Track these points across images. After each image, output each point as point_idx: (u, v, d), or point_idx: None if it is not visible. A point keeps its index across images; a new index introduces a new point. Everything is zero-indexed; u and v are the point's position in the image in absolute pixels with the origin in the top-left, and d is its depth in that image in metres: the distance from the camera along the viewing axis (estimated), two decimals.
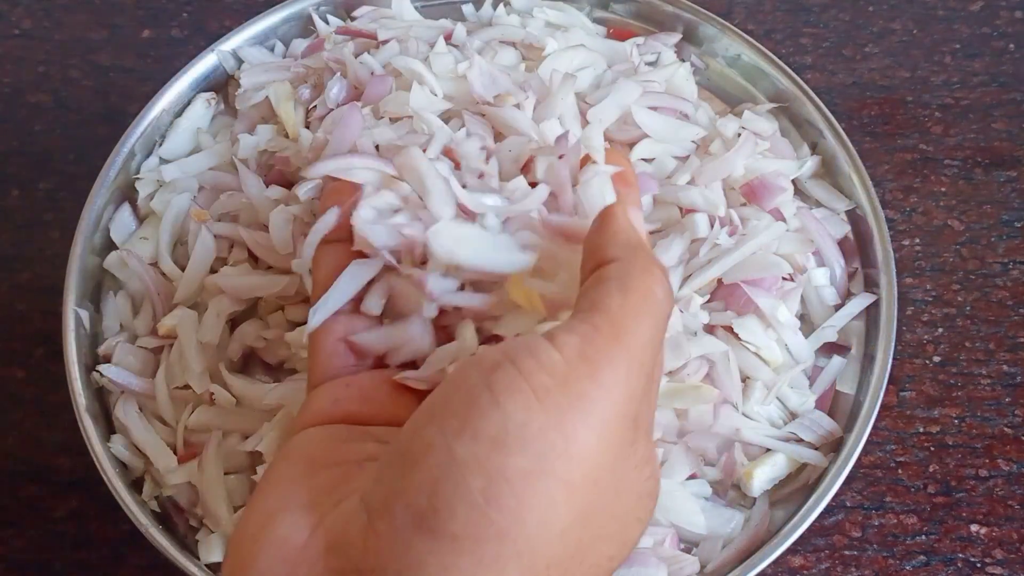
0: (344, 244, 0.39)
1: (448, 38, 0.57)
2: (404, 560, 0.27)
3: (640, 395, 0.30)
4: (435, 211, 0.38)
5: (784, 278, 0.51)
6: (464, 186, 0.40)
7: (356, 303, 0.39)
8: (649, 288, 0.31)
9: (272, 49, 0.61)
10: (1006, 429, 0.56)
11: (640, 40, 0.60)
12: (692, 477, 0.49)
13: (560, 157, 0.39)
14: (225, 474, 0.48)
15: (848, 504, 0.54)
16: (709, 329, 0.50)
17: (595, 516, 0.29)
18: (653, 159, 0.54)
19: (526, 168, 0.42)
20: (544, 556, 0.28)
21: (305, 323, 0.39)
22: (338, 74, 0.54)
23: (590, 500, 0.29)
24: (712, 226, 0.51)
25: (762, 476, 0.49)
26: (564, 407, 0.28)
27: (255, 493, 0.33)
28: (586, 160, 0.40)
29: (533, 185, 0.40)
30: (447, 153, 0.42)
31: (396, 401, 0.36)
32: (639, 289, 0.31)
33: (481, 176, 0.40)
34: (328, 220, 0.40)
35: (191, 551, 0.47)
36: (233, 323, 0.51)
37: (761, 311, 0.50)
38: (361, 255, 0.39)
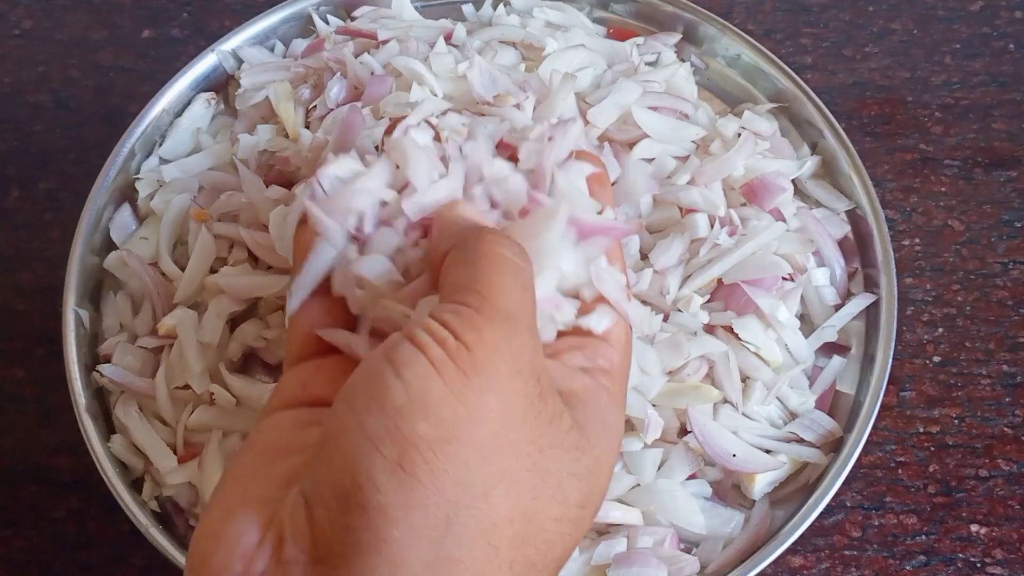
0: None
1: (448, 38, 0.57)
2: (344, 540, 0.28)
3: (530, 350, 0.31)
4: (416, 182, 0.37)
5: (784, 278, 0.51)
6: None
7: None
8: (490, 251, 0.32)
9: (272, 49, 0.61)
10: (1006, 429, 0.56)
11: (640, 40, 0.60)
12: (692, 477, 0.49)
13: (549, 139, 0.39)
14: None
15: (848, 504, 0.54)
16: (709, 329, 0.50)
17: (520, 475, 0.30)
18: (653, 159, 0.54)
19: (502, 145, 0.41)
20: (479, 521, 0.29)
21: None
22: (338, 74, 0.54)
23: (508, 459, 0.30)
24: (712, 226, 0.51)
25: (763, 480, 0.49)
26: (460, 374, 0.29)
27: (218, 486, 0.33)
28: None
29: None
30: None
31: None
32: (482, 256, 0.32)
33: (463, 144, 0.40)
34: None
35: None
36: (233, 323, 0.51)
37: (761, 311, 0.50)
38: None
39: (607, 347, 0.36)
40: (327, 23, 0.60)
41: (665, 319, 0.49)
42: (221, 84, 0.60)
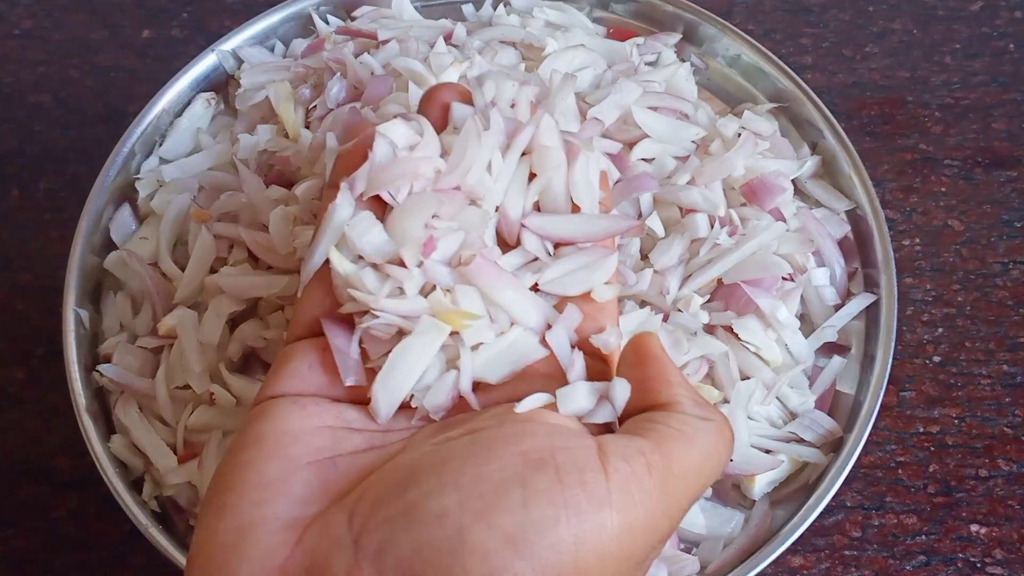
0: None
1: (448, 38, 0.57)
2: None
3: (659, 542, 0.30)
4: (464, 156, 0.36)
5: (784, 278, 0.51)
6: None
7: None
8: (718, 451, 0.31)
9: (272, 49, 0.61)
10: (1006, 429, 0.56)
11: (640, 40, 0.60)
12: None
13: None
14: None
15: (848, 504, 0.54)
16: (709, 329, 0.50)
17: None
18: (653, 159, 0.54)
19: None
20: None
21: None
22: (338, 74, 0.54)
23: None
24: (712, 226, 0.51)
25: (763, 480, 0.49)
26: (588, 535, 0.28)
27: (224, 487, 0.31)
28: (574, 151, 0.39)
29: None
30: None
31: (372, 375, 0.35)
32: (707, 450, 0.31)
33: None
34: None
35: None
36: (233, 323, 0.51)
37: (761, 311, 0.50)
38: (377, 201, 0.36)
39: None
40: (327, 23, 0.60)
41: (665, 319, 0.49)
42: (221, 84, 0.60)
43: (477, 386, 0.34)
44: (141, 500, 0.49)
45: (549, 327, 0.35)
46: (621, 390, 0.33)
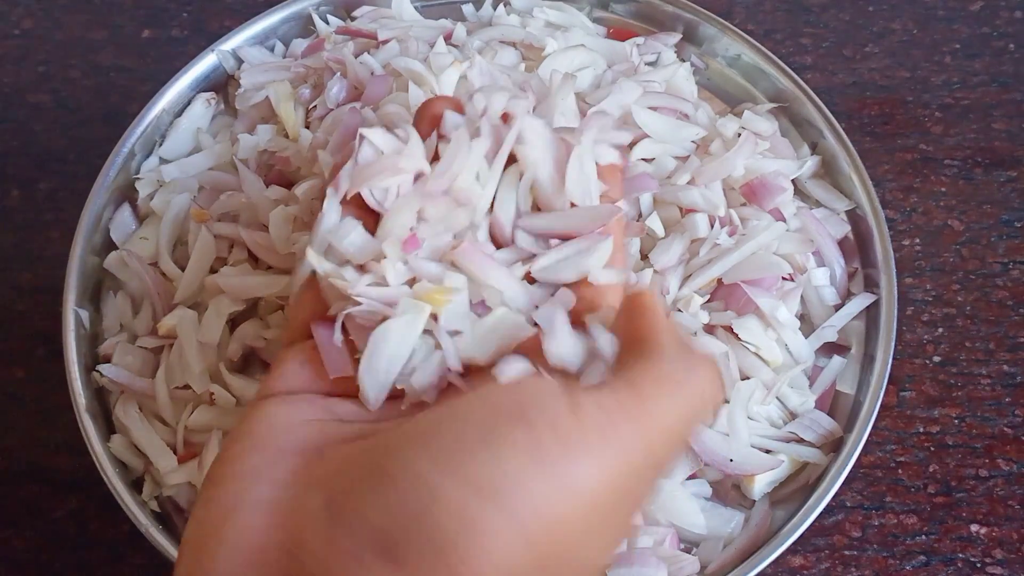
0: None
1: (448, 38, 0.57)
2: None
3: (645, 492, 0.30)
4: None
5: (784, 278, 0.51)
6: None
7: None
8: (703, 395, 0.31)
9: (272, 49, 0.61)
10: (1006, 429, 0.56)
11: (640, 40, 0.60)
12: (692, 477, 0.49)
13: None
14: None
15: (848, 504, 0.54)
16: (709, 329, 0.50)
17: (551, 567, 0.28)
18: (653, 159, 0.54)
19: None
20: None
21: None
22: (338, 74, 0.54)
23: (551, 555, 0.28)
24: (712, 226, 0.51)
25: (763, 480, 0.49)
26: (559, 473, 0.27)
27: (213, 480, 0.31)
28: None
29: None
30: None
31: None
32: (690, 395, 0.30)
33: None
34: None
35: None
36: (233, 323, 0.51)
37: (761, 311, 0.50)
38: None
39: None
40: (327, 23, 0.60)
41: None
42: (221, 84, 0.60)
43: (469, 371, 0.34)
44: (141, 500, 0.49)
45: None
46: (607, 343, 0.32)
